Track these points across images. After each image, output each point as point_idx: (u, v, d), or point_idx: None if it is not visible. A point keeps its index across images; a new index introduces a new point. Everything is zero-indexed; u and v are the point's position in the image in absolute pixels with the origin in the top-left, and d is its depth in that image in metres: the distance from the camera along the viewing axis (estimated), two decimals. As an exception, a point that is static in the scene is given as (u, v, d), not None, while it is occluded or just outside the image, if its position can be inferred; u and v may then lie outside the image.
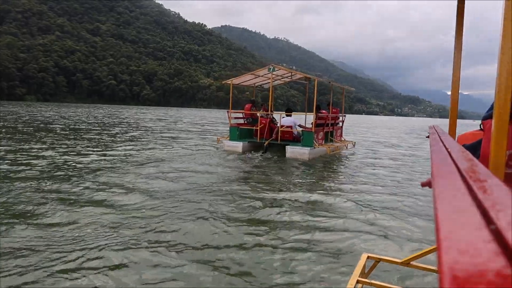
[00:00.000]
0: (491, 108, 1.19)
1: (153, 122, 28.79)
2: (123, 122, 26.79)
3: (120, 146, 11.71)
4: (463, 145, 1.47)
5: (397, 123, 69.62)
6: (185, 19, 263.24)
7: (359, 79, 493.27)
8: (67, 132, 16.06)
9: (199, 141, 14.18)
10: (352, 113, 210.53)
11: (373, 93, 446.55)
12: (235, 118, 11.94)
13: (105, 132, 17.35)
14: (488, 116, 1.29)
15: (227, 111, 11.75)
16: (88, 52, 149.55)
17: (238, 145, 10.83)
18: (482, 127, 1.43)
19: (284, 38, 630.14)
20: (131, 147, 11.61)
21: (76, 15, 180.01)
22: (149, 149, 11.18)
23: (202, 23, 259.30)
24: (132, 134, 16.90)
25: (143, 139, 14.35)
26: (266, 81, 13.00)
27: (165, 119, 33.98)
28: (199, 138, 15.95)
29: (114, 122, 26.17)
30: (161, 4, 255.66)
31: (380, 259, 2.58)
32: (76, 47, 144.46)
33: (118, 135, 15.89)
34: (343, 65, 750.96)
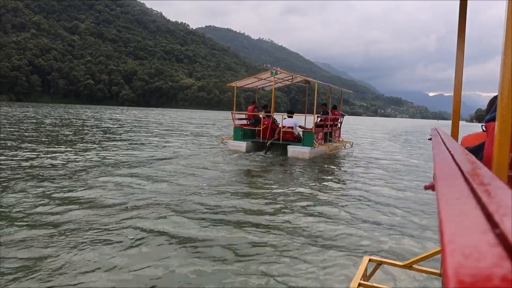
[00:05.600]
0: (494, 110, 1.20)
1: (148, 123, 28.10)
2: (125, 124, 25.61)
3: (126, 147, 11.68)
4: (466, 148, 1.46)
5: (381, 123, 71.79)
6: (168, 18, 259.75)
7: (343, 80, 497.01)
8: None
9: (203, 141, 14.60)
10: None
11: (357, 94, 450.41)
12: (239, 119, 12.35)
13: (107, 133, 17.04)
14: (491, 118, 1.28)
15: (231, 112, 12.17)
16: (65, 50, 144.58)
17: (242, 145, 11.24)
18: (485, 129, 1.42)
19: (269, 39, 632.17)
20: (137, 147, 11.71)
21: (54, 12, 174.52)
22: (160, 148, 11.53)
23: (185, 23, 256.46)
24: (135, 135, 16.71)
25: (148, 140, 14.28)
26: (267, 84, 13.50)
27: (159, 120, 32.86)
28: (202, 138, 16.24)
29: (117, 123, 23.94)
30: (143, 3, 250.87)
31: (382, 262, 2.55)
32: (52, 46, 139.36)
33: (120, 136, 15.73)
34: (328, 67, 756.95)
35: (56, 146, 11.05)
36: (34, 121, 23.29)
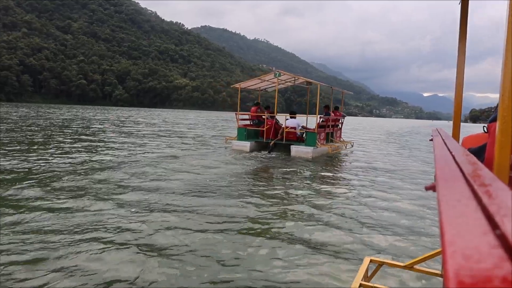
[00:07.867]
0: (496, 111, 1.19)
1: (153, 124, 27.64)
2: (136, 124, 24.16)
3: (134, 146, 12.06)
4: (469, 149, 1.46)
5: (377, 123, 72.19)
6: (163, 18, 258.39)
7: (338, 81, 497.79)
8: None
9: (208, 142, 14.93)
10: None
11: (352, 94, 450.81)
12: (241, 119, 12.53)
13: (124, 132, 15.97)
14: (493, 119, 1.28)
15: (235, 113, 12.46)
16: (57, 50, 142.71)
17: (246, 145, 11.39)
18: (487, 130, 1.40)
19: (265, 39, 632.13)
20: (146, 146, 12.09)
21: (46, 11, 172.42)
22: (170, 147, 11.94)
23: (180, 23, 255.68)
24: (144, 135, 17.15)
25: (158, 140, 14.66)
26: (270, 85, 13.79)
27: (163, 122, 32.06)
28: (206, 139, 16.51)
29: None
30: (137, 3, 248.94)
31: (383, 263, 2.55)
32: (44, 45, 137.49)
33: (128, 137, 16.03)
34: (323, 67, 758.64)
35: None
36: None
